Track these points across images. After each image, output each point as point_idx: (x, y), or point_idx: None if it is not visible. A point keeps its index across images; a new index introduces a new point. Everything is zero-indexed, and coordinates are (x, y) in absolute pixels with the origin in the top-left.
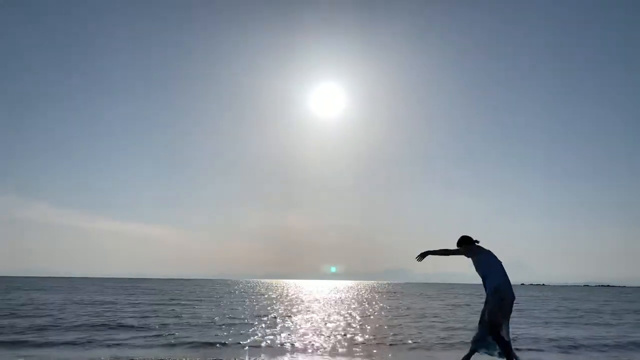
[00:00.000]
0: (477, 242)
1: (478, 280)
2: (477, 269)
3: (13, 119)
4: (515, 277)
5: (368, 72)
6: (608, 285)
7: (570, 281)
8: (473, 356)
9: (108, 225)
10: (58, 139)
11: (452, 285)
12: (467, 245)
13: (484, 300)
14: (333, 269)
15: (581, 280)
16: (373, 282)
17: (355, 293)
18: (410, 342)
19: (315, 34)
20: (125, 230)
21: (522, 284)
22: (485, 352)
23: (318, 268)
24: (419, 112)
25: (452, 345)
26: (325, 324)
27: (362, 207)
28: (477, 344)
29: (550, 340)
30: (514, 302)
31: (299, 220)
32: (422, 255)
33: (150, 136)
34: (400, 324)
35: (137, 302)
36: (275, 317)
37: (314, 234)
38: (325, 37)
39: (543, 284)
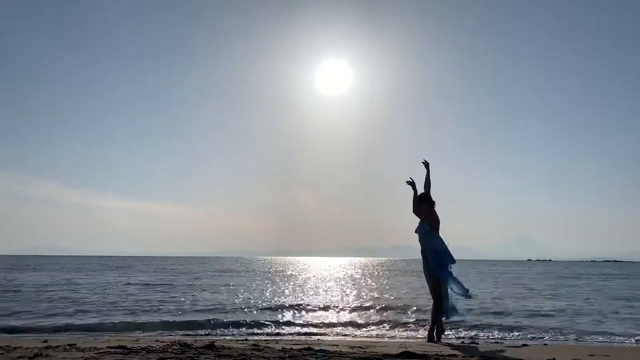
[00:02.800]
0: (434, 203)
1: (478, 256)
2: (430, 238)
3: (25, 102)
4: (521, 252)
5: (374, 48)
6: (615, 261)
7: (576, 257)
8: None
9: (117, 204)
10: (67, 119)
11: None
12: (429, 206)
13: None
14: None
15: (587, 256)
16: (383, 258)
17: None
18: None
19: (321, 10)
20: (134, 208)
21: (529, 260)
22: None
23: (325, 245)
24: (426, 89)
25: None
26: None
27: (369, 184)
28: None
29: None
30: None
31: (306, 197)
32: (411, 184)
33: (159, 116)
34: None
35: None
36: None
37: (321, 210)
38: (331, 13)
39: (550, 260)
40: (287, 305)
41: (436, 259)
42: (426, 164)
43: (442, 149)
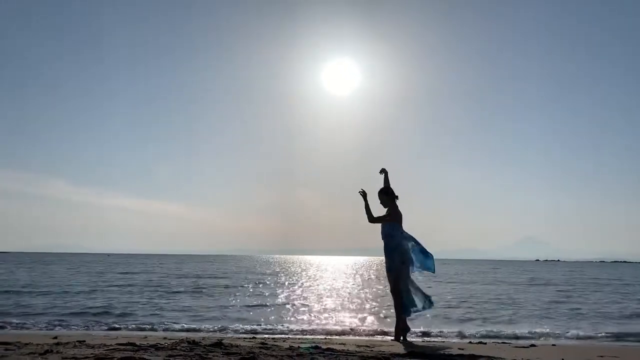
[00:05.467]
0: (397, 197)
1: (485, 256)
2: (394, 230)
3: (30, 99)
4: (529, 253)
5: (380, 46)
6: (624, 262)
7: (585, 257)
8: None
9: (124, 203)
10: (74, 117)
11: (469, 262)
12: (390, 200)
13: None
14: None
15: (595, 256)
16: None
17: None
18: None
19: (326, 9)
20: (140, 207)
21: (537, 260)
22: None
23: (331, 244)
24: (431, 88)
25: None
26: None
27: (375, 183)
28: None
29: None
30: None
31: (311, 197)
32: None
33: (165, 114)
34: None
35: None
36: None
37: (326, 209)
38: (336, 10)
39: (558, 260)
40: (295, 304)
41: (400, 256)
42: (384, 172)
43: (448, 148)
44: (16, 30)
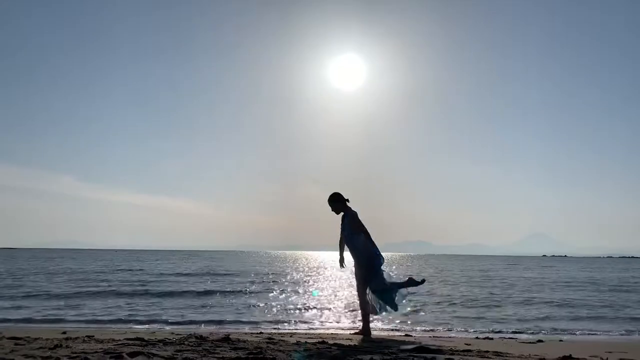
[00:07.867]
0: (348, 200)
1: (493, 252)
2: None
3: (39, 98)
4: (536, 249)
5: (388, 45)
6: (632, 257)
7: (592, 252)
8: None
9: (131, 198)
10: (83, 115)
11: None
12: (341, 205)
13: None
14: None
15: (603, 252)
16: (396, 254)
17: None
18: None
19: (333, 7)
20: (148, 203)
21: (544, 256)
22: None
23: (336, 240)
24: (440, 83)
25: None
26: None
27: (381, 180)
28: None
29: None
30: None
31: (316, 193)
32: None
33: (173, 112)
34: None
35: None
36: None
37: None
38: (344, 9)
39: (565, 256)
40: (303, 299)
41: (366, 260)
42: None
43: (457, 145)
44: (23, 31)
